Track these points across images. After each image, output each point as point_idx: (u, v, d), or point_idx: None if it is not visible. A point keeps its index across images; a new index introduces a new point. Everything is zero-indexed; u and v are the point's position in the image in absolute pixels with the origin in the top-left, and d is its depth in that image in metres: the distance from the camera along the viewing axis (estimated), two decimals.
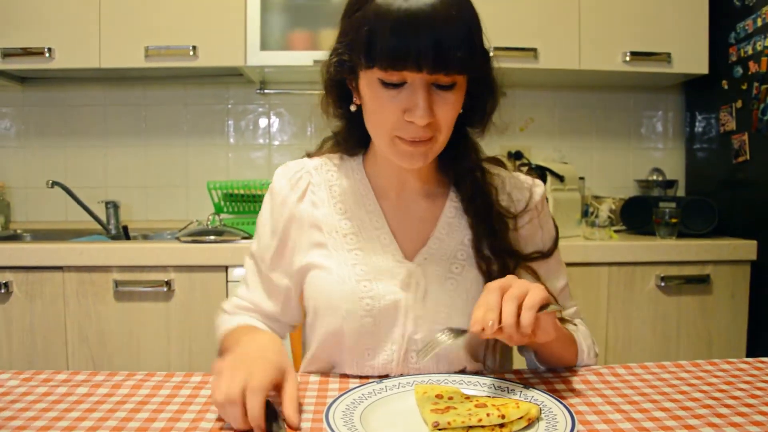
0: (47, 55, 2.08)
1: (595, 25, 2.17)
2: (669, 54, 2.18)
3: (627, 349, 1.96)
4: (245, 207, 2.17)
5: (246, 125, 2.52)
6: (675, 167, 2.58)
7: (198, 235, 1.88)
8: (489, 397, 0.78)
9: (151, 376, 0.88)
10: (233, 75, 2.37)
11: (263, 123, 2.52)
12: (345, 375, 0.93)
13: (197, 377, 0.88)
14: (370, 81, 0.84)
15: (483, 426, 0.69)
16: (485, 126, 0.94)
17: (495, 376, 0.87)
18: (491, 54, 0.91)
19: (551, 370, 0.93)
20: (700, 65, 2.20)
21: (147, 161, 2.50)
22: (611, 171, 2.59)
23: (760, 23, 2.01)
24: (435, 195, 0.99)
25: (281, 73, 2.35)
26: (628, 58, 2.17)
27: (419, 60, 0.78)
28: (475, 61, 0.82)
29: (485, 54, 0.88)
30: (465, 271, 0.94)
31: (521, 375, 0.92)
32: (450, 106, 0.84)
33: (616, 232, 2.14)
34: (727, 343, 1.99)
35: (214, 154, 2.51)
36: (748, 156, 2.09)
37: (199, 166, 2.50)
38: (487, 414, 0.69)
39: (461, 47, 0.79)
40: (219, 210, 2.16)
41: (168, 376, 0.88)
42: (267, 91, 2.49)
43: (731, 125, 2.17)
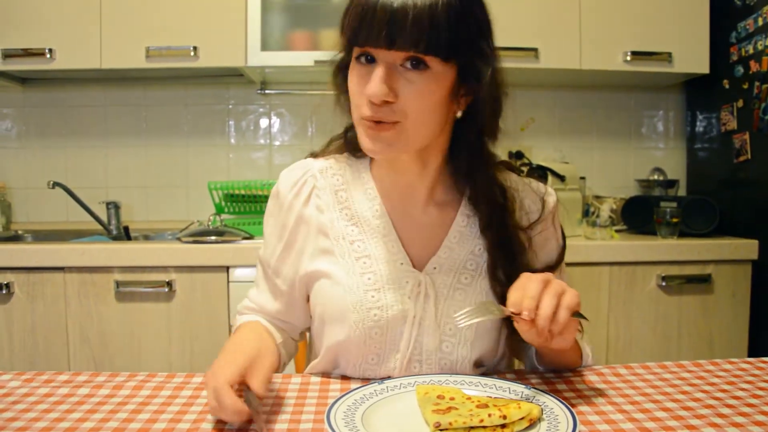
0: (48, 56, 2.08)
1: (596, 25, 2.17)
2: (670, 53, 2.18)
3: (628, 349, 1.96)
4: (246, 207, 2.17)
5: (247, 125, 2.52)
6: (676, 167, 2.57)
7: (199, 236, 1.88)
8: (490, 398, 0.78)
9: (153, 376, 0.88)
10: (234, 75, 2.37)
11: (264, 123, 2.52)
12: (346, 376, 0.93)
13: (198, 378, 0.88)
14: (353, 64, 0.84)
15: (484, 426, 0.69)
16: (493, 133, 0.90)
17: (497, 377, 0.87)
18: (496, 59, 0.87)
19: (552, 370, 0.93)
20: (700, 65, 2.20)
21: (148, 161, 2.50)
22: (612, 171, 2.58)
23: (761, 22, 2.01)
24: (445, 202, 0.96)
25: (282, 74, 2.35)
26: (628, 57, 2.17)
27: (375, 34, 0.78)
28: (438, 43, 0.78)
29: (475, 48, 0.84)
30: (474, 282, 0.93)
31: (523, 376, 0.92)
32: (417, 90, 0.80)
33: (617, 231, 2.13)
34: (729, 343, 1.99)
35: (214, 154, 2.51)
36: (749, 155, 2.08)
37: (200, 166, 2.51)
38: (489, 414, 0.69)
39: (417, 24, 0.76)
40: (220, 210, 2.16)
41: (169, 377, 0.88)
42: (268, 92, 2.49)
43: (732, 125, 2.17)
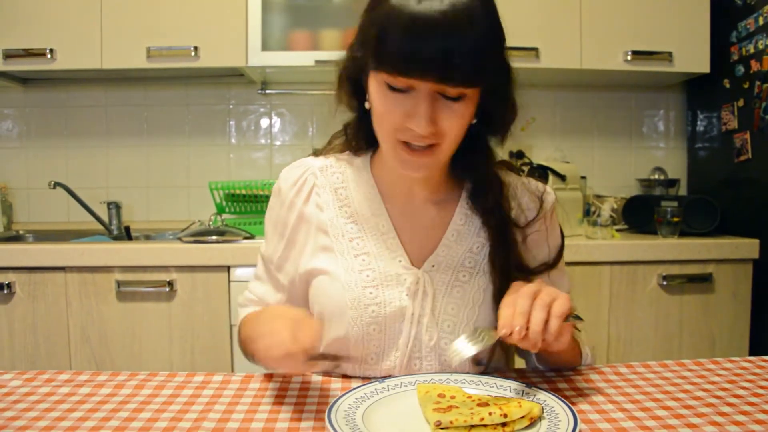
0: (49, 56, 2.08)
1: (597, 25, 2.17)
2: (670, 53, 2.17)
3: (629, 348, 1.96)
4: (247, 207, 2.17)
5: (247, 125, 2.52)
6: (677, 166, 2.57)
7: (200, 236, 1.88)
8: (491, 396, 0.78)
9: (154, 376, 0.88)
10: (235, 75, 2.38)
11: (265, 123, 2.52)
12: (347, 375, 0.93)
13: (199, 377, 0.88)
14: (378, 82, 0.82)
15: (485, 425, 0.69)
16: (504, 136, 0.92)
17: (497, 375, 0.87)
18: (510, 69, 0.88)
19: (553, 369, 0.93)
20: (701, 64, 2.20)
21: (149, 162, 2.50)
22: (613, 170, 2.58)
23: (761, 22, 2.00)
24: (443, 201, 0.97)
25: (282, 74, 2.35)
26: (629, 57, 2.17)
27: (425, 70, 0.76)
28: (485, 75, 0.79)
29: (501, 67, 0.85)
30: (472, 279, 0.93)
31: (523, 374, 0.92)
32: (456, 117, 0.81)
33: (618, 231, 2.13)
34: (730, 342, 1.99)
35: (215, 154, 2.51)
36: (749, 155, 2.08)
37: (201, 166, 2.51)
38: (490, 413, 0.69)
39: (469, 61, 0.75)
40: (221, 210, 2.16)
41: (170, 376, 0.88)
42: (268, 92, 2.49)
43: (733, 124, 2.17)
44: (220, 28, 2.10)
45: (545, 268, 0.98)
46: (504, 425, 0.69)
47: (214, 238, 1.87)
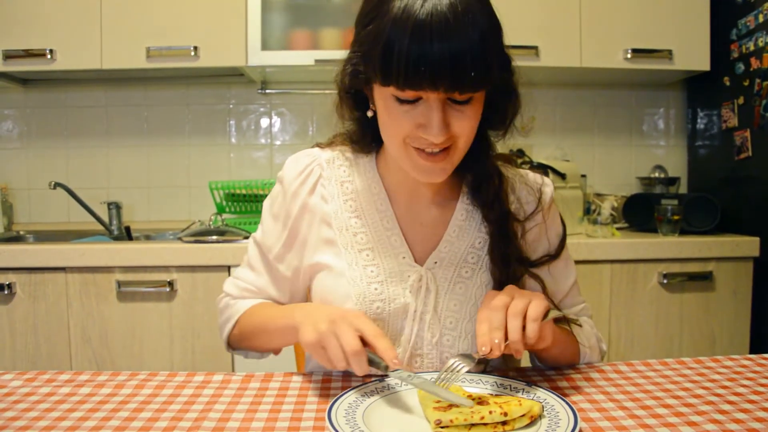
0: (49, 57, 2.08)
1: (596, 23, 2.16)
2: (670, 51, 2.17)
3: (630, 347, 1.96)
4: (247, 207, 2.17)
5: (248, 125, 2.52)
6: (677, 164, 2.57)
7: (200, 235, 1.89)
8: (491, 395, 0.78)
9: (154, 375, 0.88)
10: (234, 75, 2.38)
11: (265, 123, 2.52)
12: (348, 373, 0.93)
13: (200, 377, 0.88)
14: (384, 95, 0.82)
15: (485, 423, 0.69)
16: (507, 129, 0.92)
17: (497, 374, 0.87)
18: (512, 60, 0.87)
19: (554, 367, 0.93)
20: (701, 62, 2.20)
21: (149, 162, 2.50)
22: (613, 168, 2.58)
23: (761, 19, 2.00)
24: (445, 199, 0.98)
25: (282, 73, 2.35)
26: (629, 55, 2.16)
27: (435, 80, 0.75)
28: (492, 76, 0.78)
29: (504, 62, 0.85)
30: (474, 275, 0.94)
31: (524, 373, 0.92)
32: (467, 119, 0.81)
33: (618, 229, 2.13)
34: (730, 340, 1.99)
35: (215, 154, 2.51)
36: (750, 153, 2.08)
37: (201, 166, 2.51)
38: (490, 411, 0.69)
39: (477, 63, 0.75)
40: (221, 210, 2.16)
41: (171, 375, 0.88)
42: (268, 91, 2.49)
43: (733, 122, 2.16)
44: (219, 27, 2.10)
45: (548, 259, 0.98)
46: (504, 423, 0.69)
47: (214, 237, 1.88)
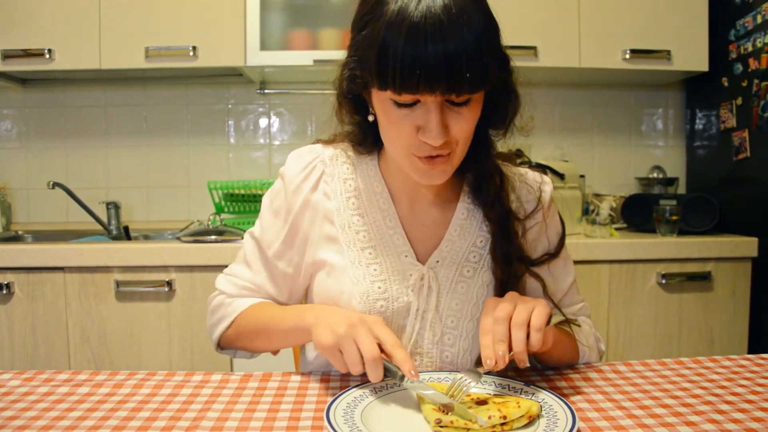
0: (48, 57, 2.08)
1: (595, 23, 2.17)
2: (669, 51, 2.17)
3: (628, 347, 1.96)
4: (246, 207, 2.17)
5: (246, 125, 2.52)
6: (675, 165, 2.57)
7: (199, 235, 1.89)
8: (490, 395, 0.78)
9: (152, 375, 0.88)
10: (233, 75, 2.38)
11: (263, 123, 2.52)
12: (346, 373, 0.93)
13: (198, 376, 0.88)
14: (382, 99, 0.81)
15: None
16: (507, 128, 0.92)
17: (496, 374, 0.87)
18: (510, 60, 0.87)
19: (552, 367, 0.93)
20: (700, 62, 2.20)
21: (148, 162, 2.50)
22: (612, 169, 2.58)
23: (759, 20, 2.01)
24: (446, 199, 0.98)
25: (281, 73, 2.35)
26: (628, 55, 2.17)
27: (432, 84, 0.75)
28: (489, 77, 0.78)
29: (502, 62, 0.85)
30: (476, 274, 0.94)
31: (522, 373, 0.92)
32: (466, 121, 0.81)
33: (616, 229, 2.13)
34: (729, 340, 1.99)
35: (214, 154, 2.51)
36: (748, 153, 2.08)
37: (200, 166, 2.51)
38: (489, 416, 0.69)
39: (473, 68, 0.75)
40: (220, 210, 2.16)
41: (169, 375, 0.88)
42: (267, 91, 2.49)
43: (731, 122, 2.17)
44: (218, 27, 2.10)
45: (548, 257, 0.98)
46: (503, 424, 0.69)
47: (213, 237, 1.88)
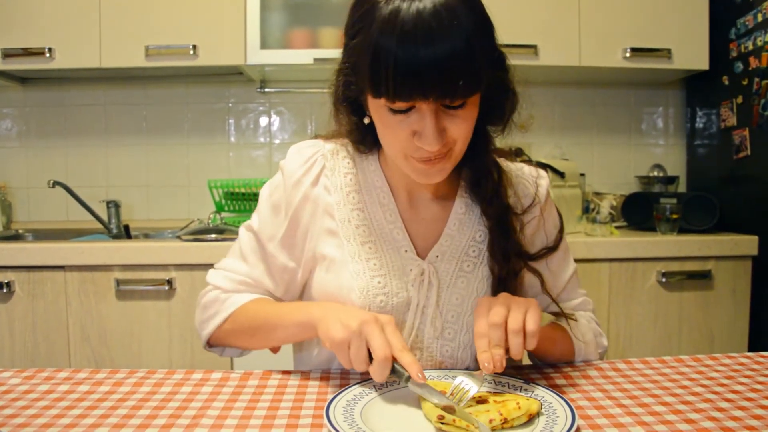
0: (48, 55, 2.08)
1: (595, 22, 2.16)
2: (669, 50, 2.17)
3: (628, 345, 1.96)
4: (246, 205, 2.17)
5: (247, 124, 2.52)
6: (676, 163, 2.57)
7: (199, 234, 1.89)
8: (490, 393, 0.78)
9: (153, 373, 0.88)
10: (234, 74, 2.37)
11: (264, 121, 2.52)
12: (346, 371, 0.93)
13: (198, 374, 0.88)
14: (377, 105, 0.81)
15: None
16: (506, 125, 0.92)
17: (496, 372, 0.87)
18: (505, 58, 0.87)
19: (552, 365, 0.94)
20: (700, 61, 2.20)
21: (148, 160, 2.50)
22: (612, 167, 2.58)
23: (760, 18, 2.00)
24: (444, 195, 0.98)
25: (281, 72, 2.35)
26: (628, 54, 2.17)
27: (426, 90, 0.75)
28: (482, 79, 0.78)
29: (497, 61, 0.85)
30: (476, 269, 0.94)
31: (522, 371, 0.92)
32: (463, 122, 0.81)
33: (617, 228, 2.13)
34: (729, 339, 1.99)
35: (214, 152, 2.51)
36: (748, 152, 2.08)
37: (200, 164, 2.51)
38: (490, 420, 0.69)
39: (465, 72, 0.75)
40: (220, 208, 2.16)
41: (169, 373, 0.88)
42: (267, 90, 2.49)
43: (732, 121, 2.17)
44: (218, 26, 2.10)
45: (547, 251, 0.98)
46: (503, 422, 0.69)
47: (213, 236, 1.88)
